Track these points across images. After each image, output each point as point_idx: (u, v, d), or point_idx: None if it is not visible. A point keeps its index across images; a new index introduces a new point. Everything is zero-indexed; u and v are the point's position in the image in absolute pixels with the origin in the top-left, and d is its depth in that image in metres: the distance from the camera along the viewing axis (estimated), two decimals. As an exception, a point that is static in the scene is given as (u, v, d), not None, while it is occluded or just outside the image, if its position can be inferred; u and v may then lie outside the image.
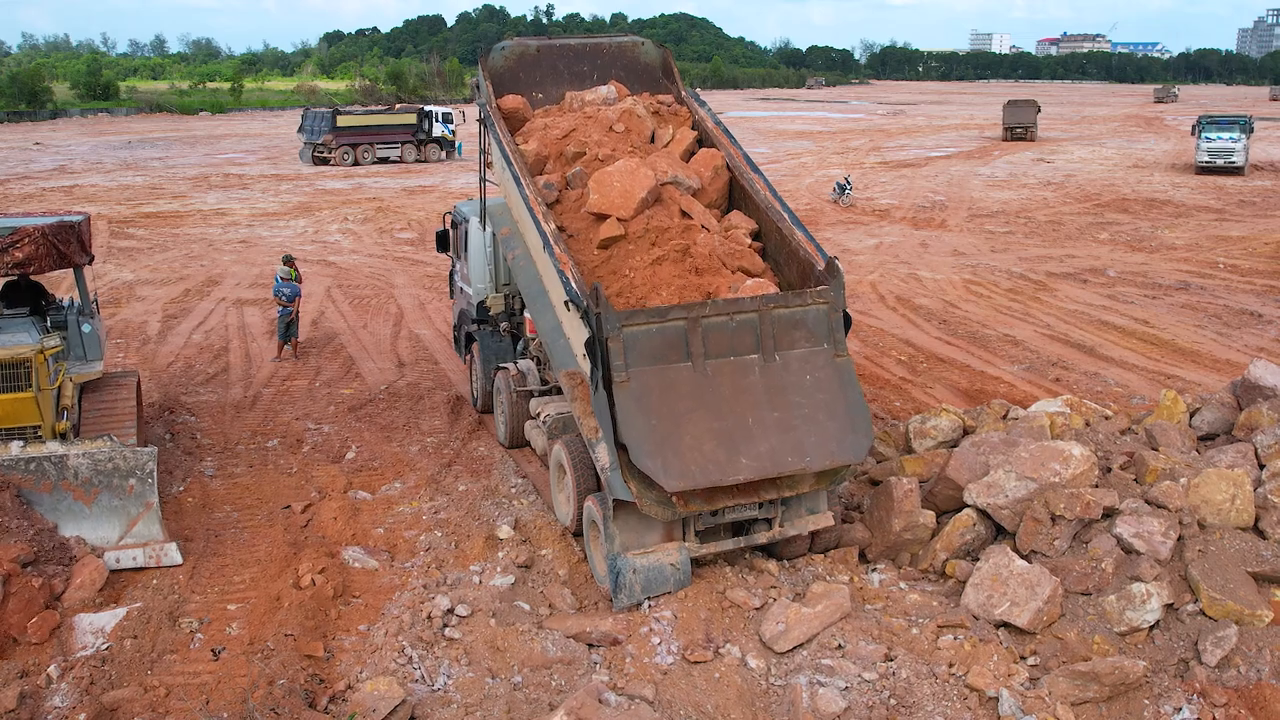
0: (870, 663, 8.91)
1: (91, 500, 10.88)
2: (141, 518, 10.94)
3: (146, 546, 10.80)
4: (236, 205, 38.89)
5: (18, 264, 12.51)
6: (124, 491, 10.91)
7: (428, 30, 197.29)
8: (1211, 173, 50.38)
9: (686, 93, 14.18)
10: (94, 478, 10.85)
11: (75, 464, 10.81)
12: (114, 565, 10.57)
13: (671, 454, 9.38)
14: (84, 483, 10.84)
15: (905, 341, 20.18)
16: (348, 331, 20.90)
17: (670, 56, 14.94)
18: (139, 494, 10.95)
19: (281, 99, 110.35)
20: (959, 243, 31.68)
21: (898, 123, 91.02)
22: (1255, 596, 9.20)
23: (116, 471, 10.88)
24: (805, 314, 10.15)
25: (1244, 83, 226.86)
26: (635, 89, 14.29)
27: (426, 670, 9.03)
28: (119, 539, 10.85)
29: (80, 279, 14.20)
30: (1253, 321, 21.88)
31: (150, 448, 11.28)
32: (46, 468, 10.79)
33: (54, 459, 10.82)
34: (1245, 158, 50.75)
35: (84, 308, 13.97)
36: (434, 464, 13.93)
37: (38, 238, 12.48)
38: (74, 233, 13.10)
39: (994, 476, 10.55)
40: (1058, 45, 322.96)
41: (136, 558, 10.73)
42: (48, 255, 12.68)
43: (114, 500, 10.90)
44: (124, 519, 10.93)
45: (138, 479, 10.93)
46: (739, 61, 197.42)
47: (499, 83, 14.13)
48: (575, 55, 14.69)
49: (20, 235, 12.39)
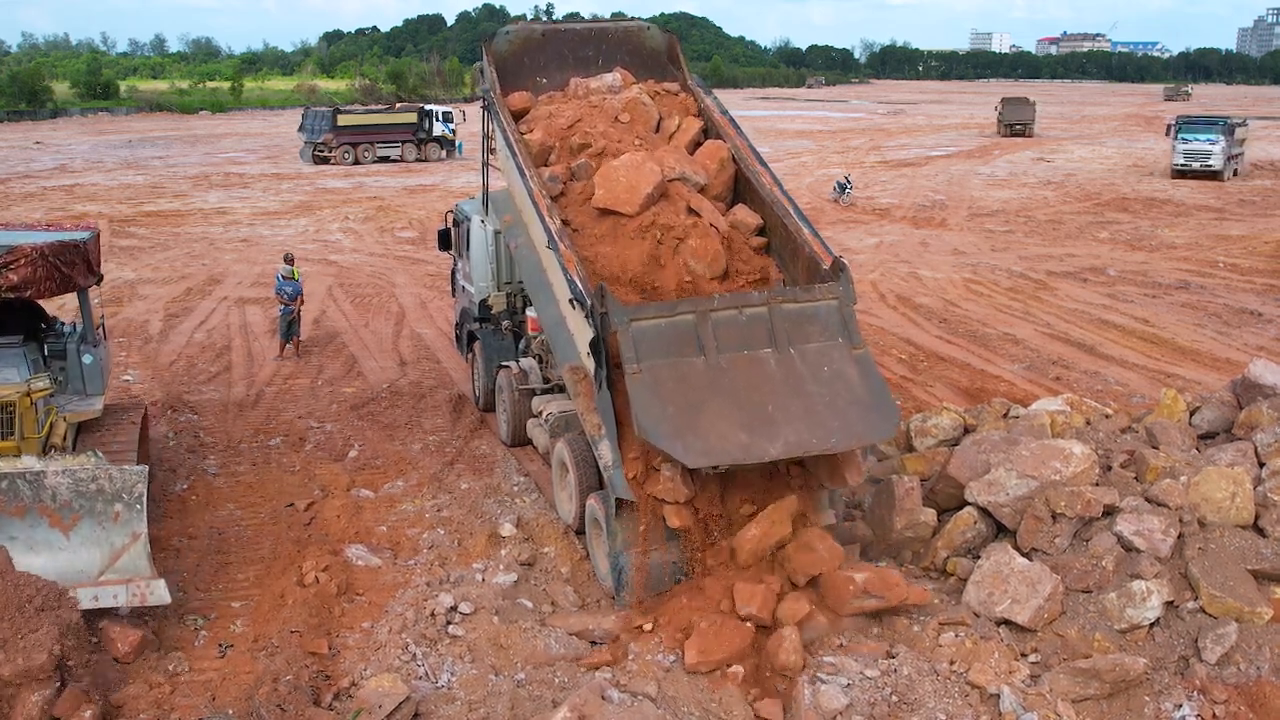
0: (872, 660, 8.95)
1: (70, 528, 9.49)
2: (127, 550, 9.54)
3: (131, 584, 9.25)
4: (237, 204, 38.91)
5: (13, 287, 10.85)
6: (108, 519, 9.56)
7: (428, 29, 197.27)
8: (1188, 177, 47.78)
9: (693, 80, 13.95)
10: (74, 500, 9.48)
11: (53, 483, 9.43)
12: (90, 604, 8.97)
13: (691, 434, 9.20)
14: (62, 506, 9.44)
15: (906, 340, 20.21)
16: (349, 330, 20.94)
17: (676, 42, 14.64)
18: (126, 522, 9.57)
19: (282, 98, 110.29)
20: (959, 242, 31.72)
21: (898, 122, 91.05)
22: (1255, 594, 9.25)
23: (101, 494, 9.52)
24: (816, 309, 10.09)
25: (1244, 82, 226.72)
26: (640, 75, 14.03)
27: (430, 667, 9.07)
28: (99, 574, 9.41)
29: (85, 302, 12.38)
30: (1253, 320, 21.93)
31: (141, 466, 10.02)
32: (20, 487, 9.39)
33: (29, 476, 9.42)
34: (1224, 161, 47.76)
35: (87, 334, 12.31)
36: (436, 462, 13.96)
37: (35, 258, 10.90)
38: (78, 252, 11.58)
39: (995, 475, 10.59)
40: (1058, 45, 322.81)
41: (118, 596, 9.18)
42: (48, 278, 11.11)
43: (96, 529, 9.54)
44: (107, 551, 9.54)
45: (124, 504, 9.56)
46: (739, 61, 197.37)
47: (503, 68, 13.91)
48: (580, 40, 14.45)
49: (17, 255, 10.79)
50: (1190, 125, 49.80)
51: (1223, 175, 47.63)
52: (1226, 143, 47.78)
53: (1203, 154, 47.77)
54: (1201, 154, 47.80)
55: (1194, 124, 50.14)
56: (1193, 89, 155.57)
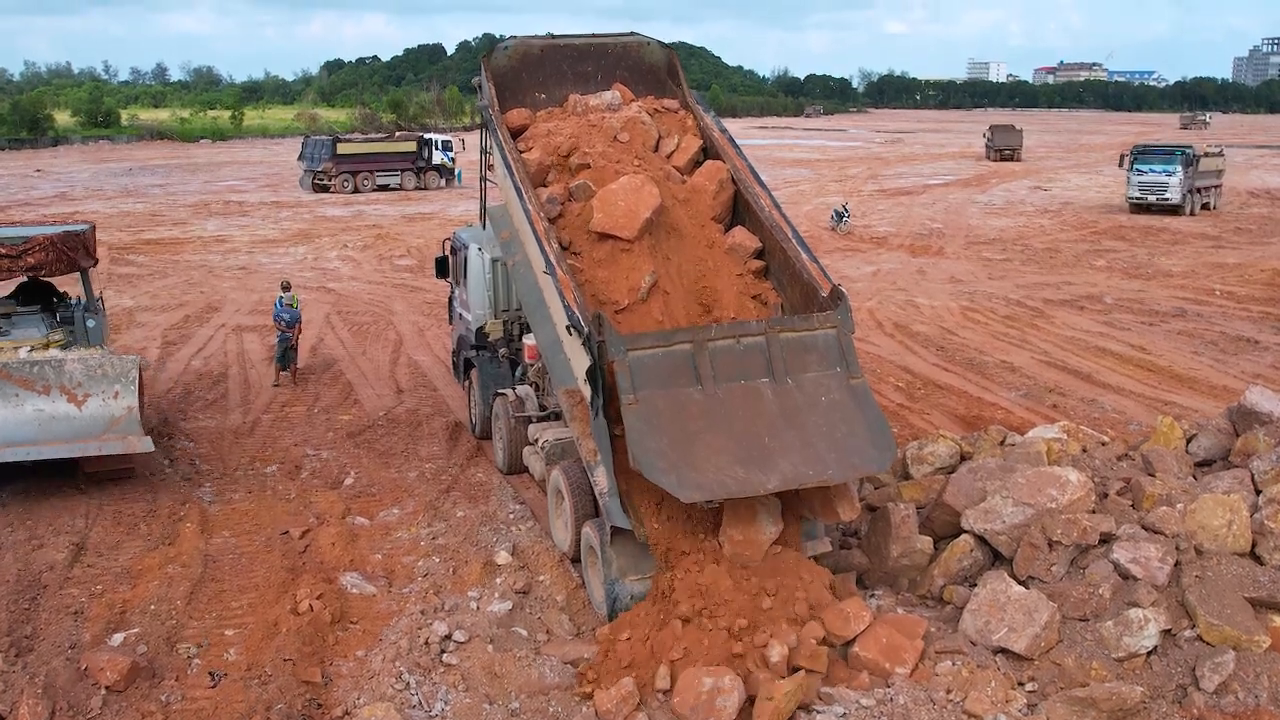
0: (868, 689, 8.91)
1: (83, 402, 12.87)
2: (123, 419, 12.97)
3: (125, 439, 12.85)
4: (236, 232, 39.05)
5: (30, 268, 14.40)
6: (110, 395, 12.97)
7: (428, 59, 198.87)
8: (1145, 211, 45.10)
9: (693, 97, 13.87)
10: (85, 381, 12.86)
11: (70, 369, 12.85)
12: (95, 453, 12.86)
13: (686, 468, 9.15)
14: (76, 385, 12.82)
15: (903, 368, 20.23)
16: (347, 358, 20.95)
17: (676, 58, 14.50)
18: (122, 397, 13.00)
19: (282, 127, 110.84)
20: (956, 270, 31.81)
21: (895, 151, 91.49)
22: (1253, 622, 9.19)
23: (105, 377, 12.93)
24: (814, 338, 10.07)
25: (1240, 111, 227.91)
26: (639, 90, 13.96)
27: (424, 696, 9.02)
28: (103, 434, 12.86)
29: (85, 280, 15.78)
30: (1249, 348, 21.97)
31: (133, 356, 13.64)
32: (46, 370, 12.80)
33: (53, 363, 12.89)
34: (1183, 194, 44.49)
35: (89, 305, 15.74)
36: (432, 490, 13.95)
37: (47, 245, 14.24)
38: (79, 240, 14.92)
39: (991, 502, 10.58)
40: (1054, 74, 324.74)
41: (116, 447, 12.87)
42: (57, 260, 14.48)
43: (100, 403, 12.94)
44: (108, 418, 12.94)
45: (122, 385, 13.02)
46: (737, 90, 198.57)
47: (502, 83, 13.78)
48: (579, 55, 14.31)
49: (32, 243, 14.13)
50: (1146, 155, 46.51)
51: (1183, 209, 44.75)
52: (1185, 174, 44.77)
53: (1159, 186, 44.97)
54: (1158, 186, 45.00)
55: (1150, 154, 46.75)
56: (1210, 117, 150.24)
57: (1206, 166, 47.05)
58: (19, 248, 14.05)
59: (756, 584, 9.62)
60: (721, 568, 9.68)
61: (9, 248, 14.05)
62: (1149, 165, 45.60)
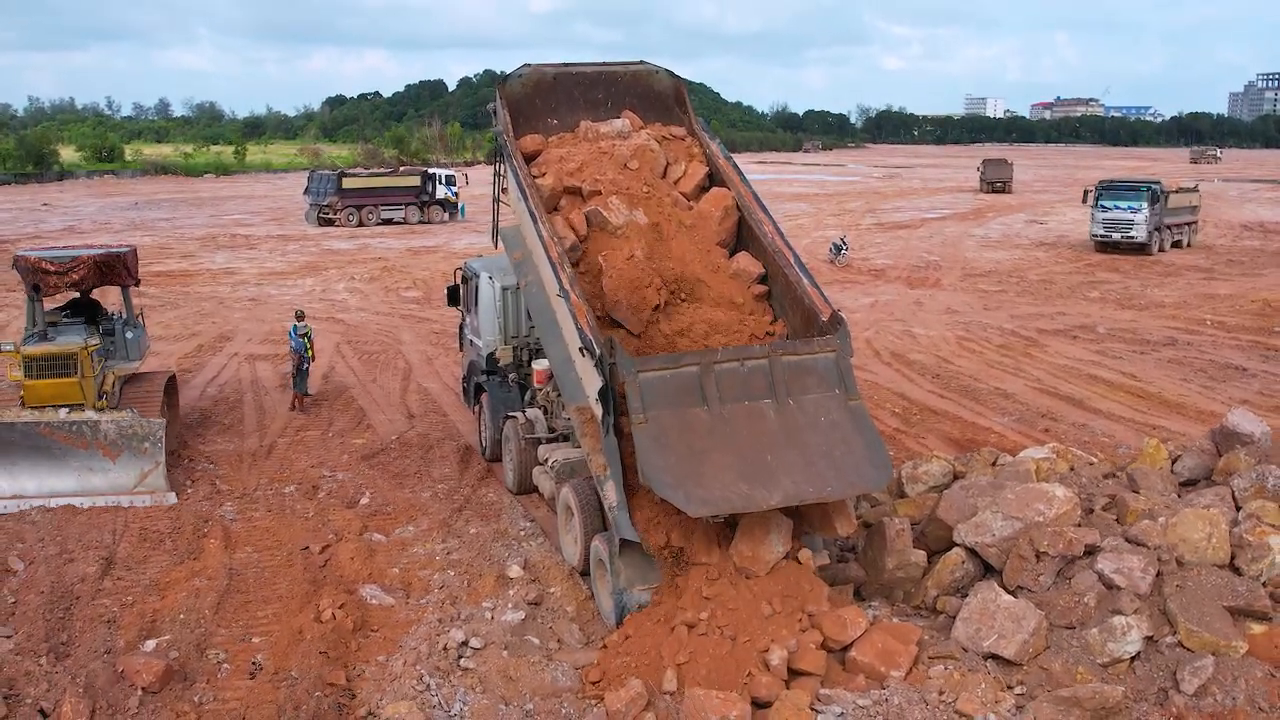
0: (865, 691, 9.37)
1: (116, 457, 14.39)
2: (151, 473, 14.47)
3: (154, 494, 14.36)
4: (244, 264, 39.64)
5: (74, 284, 16.34)
6: (139, 452, 14.47)
7: (429, 95, 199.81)
8: (1110, 250, 43.46)
9: (699, 125, 14.41)
10: (119, 439, 14.42)
11: (105, 428, 14.44)
12: (127, 505, 14.16)
13: (693, 484, 9.63)
14: (111, 443, 14.40)
15: (899, 395, 20.74)
16: (358, 385, 21.46)
17: (683, 87, 15.04)
18: (150, 454, 14.51)
19: (285, 161, 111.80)
20: (953, 301, 32.38)
21: (893, 185, 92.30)
22: (1231, 629, 9.65)
23: (135, 436, 14.48)
24: (815, 361, 10.59)
25: (1235, 145, 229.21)
26: (648, 117, 14.49)
27: (443, 697, 9.49)
28: (134, 487, 14.36)
29: (127, 297, 17.83)
30: (1237, 375, 22.50)
31: (161, 419, 14.98)
32: (84, 429, 14.37)
33: (89, 424, 14.42)
34: (1150, 232, 42.60)
35: (129, 320, 17.58)
36: (445, 508, 14.44)
37: (90, 263, 16.21)
38: (120, 260, 16.77)
39: (982, 517, 11.06)
40: (1051, 109, 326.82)
41: (146, 500, 14.26)
42: (99, 276, 16.49)
43: (131, 458, 14.44)
44: (138, 472, 14.44)
45: (150, 443, 14.53)
46: (736, 125, 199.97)
47: (516, 109, 14.32)
48: (590, 82, 14.84)
49: (77, 262, 16.15)
50: (1110, 191, 44.35)
51: (1150, 248, 42.96)
52: (1152, 211, 42.86)
53: (1124, 224, 43.04)
54: (1123, 224, 43.10)
55: (1114, 189, 44.46)
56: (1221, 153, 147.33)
57: (1177, 203, 45.43)
58: (65, 265, 16.01)
59: (759, 593, 10.13)
60: (726, 579, 10.21)
61: (57, 265, 16.00)
62: (1114, 202, 43.78)
